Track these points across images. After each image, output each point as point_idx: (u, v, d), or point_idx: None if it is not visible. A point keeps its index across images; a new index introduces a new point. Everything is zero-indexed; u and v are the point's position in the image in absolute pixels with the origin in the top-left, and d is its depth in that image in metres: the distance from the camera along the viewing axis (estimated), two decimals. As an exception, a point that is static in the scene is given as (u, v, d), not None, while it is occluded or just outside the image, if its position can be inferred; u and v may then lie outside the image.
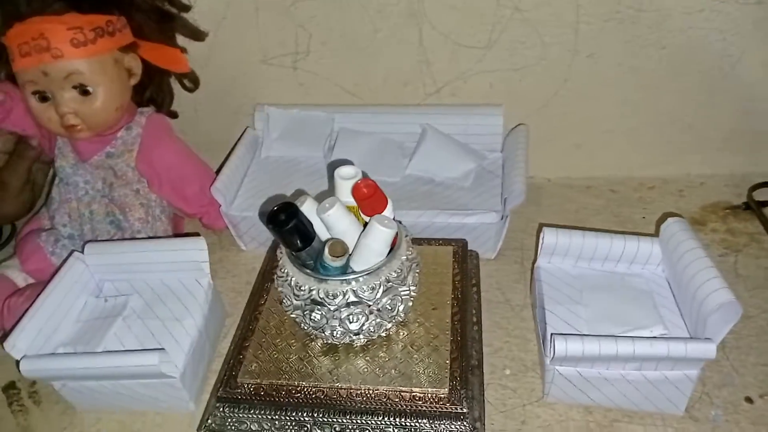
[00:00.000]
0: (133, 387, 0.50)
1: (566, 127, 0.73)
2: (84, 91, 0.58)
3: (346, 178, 0.47)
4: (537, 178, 0.77)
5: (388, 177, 0.69)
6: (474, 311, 0.55)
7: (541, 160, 0.76)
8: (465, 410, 0.44)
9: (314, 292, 0.44)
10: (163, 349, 0.48)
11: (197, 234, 0.65)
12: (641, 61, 0.67)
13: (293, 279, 0.45)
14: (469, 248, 0.62)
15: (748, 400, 0.50)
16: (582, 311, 0.51)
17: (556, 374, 0.48)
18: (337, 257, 0.44)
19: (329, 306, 0.44)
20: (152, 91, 0.69)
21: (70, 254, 0.57)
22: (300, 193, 0.67)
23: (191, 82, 0.71)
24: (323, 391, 0.46)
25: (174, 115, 0.75)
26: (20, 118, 0.61)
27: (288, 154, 0.72)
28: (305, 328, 0.47)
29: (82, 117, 0.59)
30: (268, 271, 0.57)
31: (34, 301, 0.52)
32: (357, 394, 0.46)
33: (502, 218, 0.62)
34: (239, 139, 0.73)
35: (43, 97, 0.58)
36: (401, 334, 0.50)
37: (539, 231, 0.56)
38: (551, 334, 0.46)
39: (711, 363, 0.53)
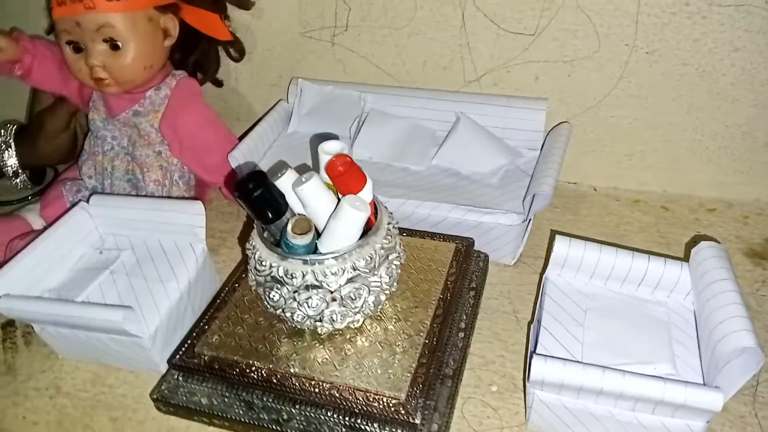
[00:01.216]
0: (105, 341, 0.50)
1: (619, 132, 0.66)
2: (114, 45, 0.58)
3: (330, 153, 0.43)
4: (582, 185, 0.70)
5: (413, 165, 0.65)
6: (465, 317, 0.50)
7: (589, 166, 0.69)
8: (418, 421, 0.40)
9: (275, 269, 0.42)
10: (130, 307, 0.47)
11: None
12: (711, 63, 0.59)
13: (258, 253, 0.43)
14: (482, 250, 0.57)
15: (772, 468, 0.42)
16: (581, 334, 0.45)
17: (536, 399, 0.42)
18: (300, 234, 0.40)
19: (288, 286, 0.41)
20: (198, 56, 0.69)
21: (77, 203, 0.58)
22: (284, 164, 0.64)
23: (237, 51, 0.70)
24: (276, 375, 0.43)
25: (219, 83, 0.75)
26: (43, 76, 0.63)
27: (315, 131, 0.70)
28: (267, 307, 0.45)
29: (110, 71, 0.59)
30: (261, 245, 0.55)
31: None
32: (310, 384, 0.43)
33: (524, 221, 0.56)
34: (269, 111, 0.72)
35: (77, 48, 0.59)
36: (374, 329, 0.46)
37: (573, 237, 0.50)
38: (531, 353, 0.41)
39: (734, 417, 0.45)
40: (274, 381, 0.43)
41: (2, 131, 0.71)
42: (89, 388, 0.52)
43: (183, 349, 0.46)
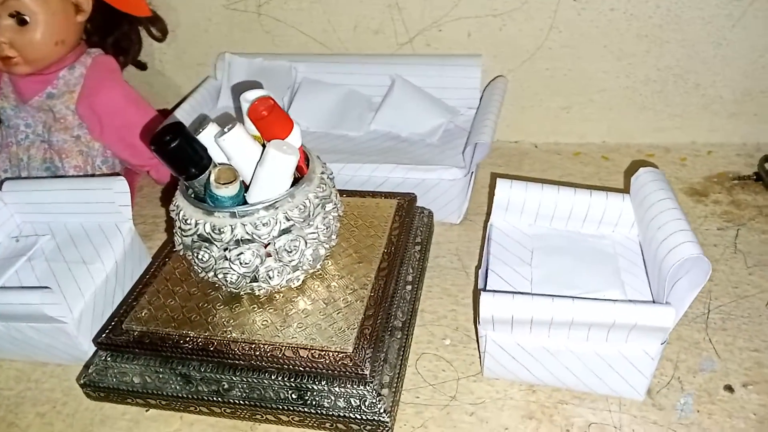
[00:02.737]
0: (25, 331, 0.46)
1: (554, 86, 0.65)
2: (21, 20, 0.54)
3: (249, 101, 0.41)
4: (523, 143, 0.69)
5: (351, 131, 0.63)
6: (412, 271, 0.48)
7: (527, 123, 0.68)
8: (367, 372, 0.37)
9: (200, 226, 0.39)
10: (48, 287, 0.43)
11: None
12: (637, 6, 0.59)
13: (182, 212, 0.40)
14: (427, 208, 0.55)
15: (728, 388, 0.42)
16: (529, 273, 0.44)
17: (488, 341, 0.41)
18: (224, 185, 0.38)
19: (217, 243, 0.39)
20: (117, 37, 0.65)
21: (-13, 191, 0.53)
22: (205, 117, 0.62)
23: (159, 30, 0.67)
24: (213, 343, 0.40)
25: (142, 66, 0.71)
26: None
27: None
28: (198, 272, 0.42)
29: (19, 48, 0.55)
30: (193, 219, 0.52)
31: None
32: (250, 348, 0.40)
33: (465, 175, 0.55)
34: (196, 87, 0.68)
35: (-23, 26, 0.55)
36: (316, 287, 0.43)
37: None
38: (479, 290, 0.39)
39: (689, 345, 0.45)
40: (211, 349, 0.40)
41: None
42: (13, 385, 0.48)
43: (110, 327, 0.42)
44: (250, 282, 0.40)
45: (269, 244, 0.39)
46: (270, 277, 0.40)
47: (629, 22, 0.60)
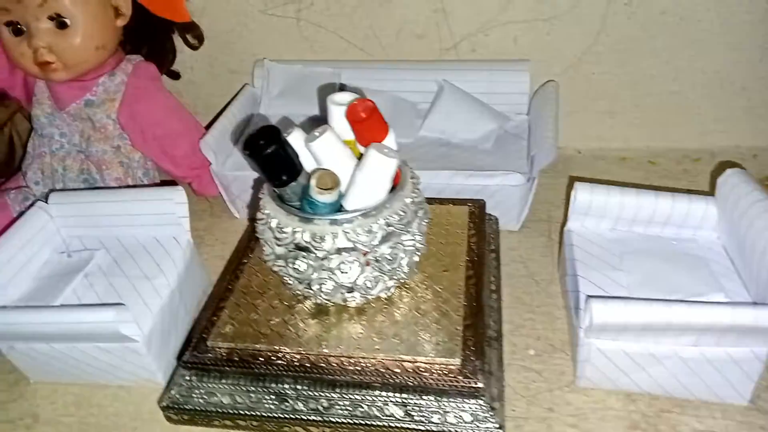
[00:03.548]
0: (91, 352, 0.43)
1: (599, 90, 0.65)
2: (61, 23, 0.51)
3: (341, 104, 0.39)
4: (566, 149, 0.69)
5: (401, 138, 0.60)
6: (493, 278, 0.47)
7: (570, 128, 0.67)
8: (481, 385, 0.36)
9: (299, 235, 0.37)
10: (122, 304, 0.41)
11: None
12: (688, 9, 0.59)
13: (274, 220, 0.38)
14: (492, 214, 0.54)
15: (830, 390, 0.41)
16: (622, 278, 0.43)
17: (592, 350, 0.39)
18: (326, 190, 0.36)
19: (316, 252, 0.37)
20: (152, 44, 0.62)
21: (32, 203, 0.50)
22: (289, 123, 0.60)
23: (195, 38, 0.64)
24: (309, 359, 0.38)
25: (176, 75, 0.68)
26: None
27: (289, 113, 0.65)
28: (290, 283, 0.39)
29: (58, 53, 0.52)
30: (254, 229, 0.50)
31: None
32: (349, 363, 0.38)
33: (528, 180, 0.54)
34: (235, 96, 0.66)
35: (17, 30, 0.52)
36: (405, 297, 0.42)
37: (569, 199, 0.48)
38: (587, 297, 0.38)
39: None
40: (307, 365, 0.38)
41: None
42: (74, 411, 0.45)
43: (193, 344, 0.40)
44: (347, 292, 0.38)
45: (368, 252, 0.37)
46: (368, 288, 0.38)
47: (678, 26, 0.60)
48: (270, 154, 0.36)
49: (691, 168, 0.65)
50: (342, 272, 0.37)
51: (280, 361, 0.38)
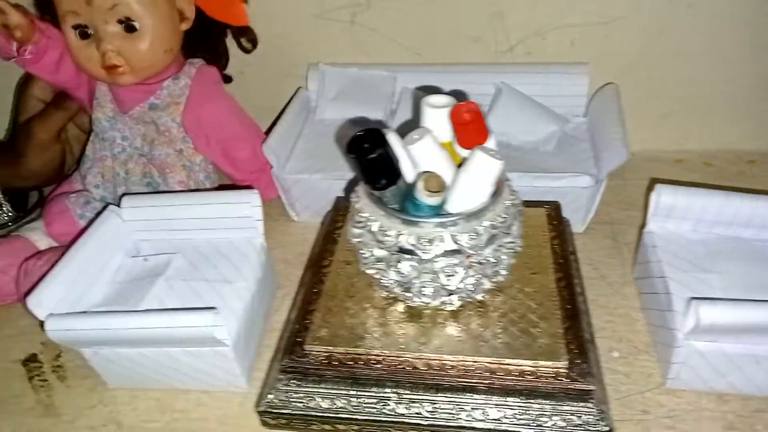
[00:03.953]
0: (178, 356, 0.42)
1: (655, 93, 0.65)
2: (130, 26, 0.51)
3: (437, 107, 0.39)
4: (619, 152, 0.69)
5: (459, 140, 0.61)
6: (577, 281, 0.47)
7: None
8: (592, 388, 0.36)
9: (403, 238, 0.37)
10: (213, 308, 0.40)
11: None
12: (746, 13, 0.59)
13: (375, 223, 0.38)
14: (565, 217, 0.54)
15: None
16: (713, 279, 0.43)
17: (691, 351, 0.39)
18: (434, 193, 0.36)
19: (421, 255, 0.36)
20: (207, 49, 0.62)
21: (104, 207, 0.50)
22: (381, 124, 0.59)
23: (249, 41, 0.63)
24: (409, 362, 0.38)
25: (229, 79, 0.68)
26: (55, 63, 0.54)
27: (345, 116, 0.65)
28: (387, 285, 0.39)
29: (126, 57, 0.52)
30: (331, 232, 0.49)
31: (58, 260, 0.45)
32: (451, 366, 0.38)
33: (597, 182, 0.54)
34: (290, 100, 0.66)
35: (84, 33, 0.52)
36: (497, 299, 0.41)
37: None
38: (691, 299, 0.38)
39: None
40: (409, 368, 0.38)
41: None
42: (157, 416, 0.44)
43: (289, 348, 0.40)
44: (447, 296, 0.38)
45: (472, 255, 0.37)
46: (471, 291, 0.38)
47: (738, 30, 0.60)
48: (375, 158, 0.36)
49: (746, 169, 0.65)
50: (447, 276, 0.37)
51: (380, 365, 0.38)
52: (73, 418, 0.45)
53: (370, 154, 0.35)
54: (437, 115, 0.39)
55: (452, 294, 0.38)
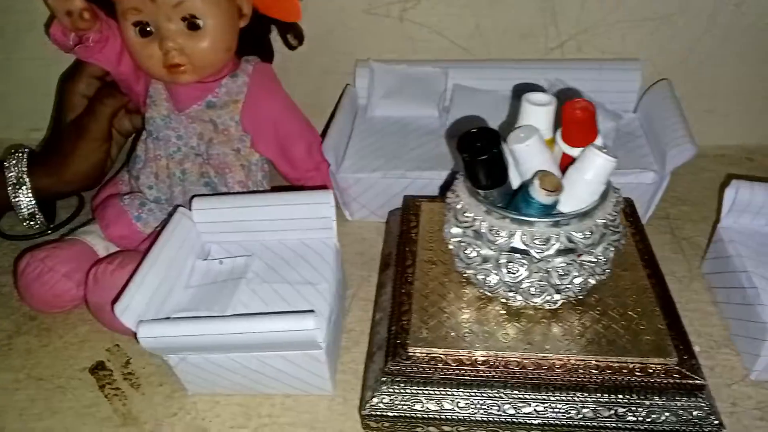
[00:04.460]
0: (268, 361, 0.42)
1: (701, 89, 0.66)
2: (193, 24, 0.50)
3: (538, 104, 0.39)
4: (662, 147, 0.70)
5: (514, 137, 0.61)
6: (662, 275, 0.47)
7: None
8: (704, 382, 0.36)
9: (515, 238, 0.36)
10: (312, 311, 0.39)
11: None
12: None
13: (484, 224, 0.37)
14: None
15: None
16: (798, 273, 0.43)
17: (784, 344, 0.40)
18: (552, 192, 0.35)
19: (535, 255, 0.36)
20: (255, 46, 0.60)
21: (174, 210, 0.48)
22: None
23: (296, 37, 0.62)
24: (516, 362, 0.38)
25: None
26: (116, 53, 0.52)
27: (397, 114, 0.64)
28: (491, 285, 0.39)
29: (188, 55, 0.50)
30: (406, 232, 0.49)
31: (137, 265, 0.43)
32: (558, 365, 0.38)
33: (661, 178, 0.54)
34: (340, 97, 0.65)
35: (144, 31, 0.50)
36: (592, 297, 0.41)
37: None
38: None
39: None
40: (516, 368, 0.38)
41: (12, 161, 0.57)
42: (244, 422, 0.43)
43: (392, 351, 0.39)
44: (555, 294, 0.38)
45: (583, 253, 0.37)
46: (578, 289, 0.38)
47: (785, 26, 0.61)
48: (488, 159, 0.35)
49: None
50: (560, 274, 0.37)
51: (485, 365, 0.38)
52: (155, 427, 0.44)
53: (483, 154, 0.35)
54: (538, 113, 0.39)
55: (559, 293, 0.38)
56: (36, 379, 0.48)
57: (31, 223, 0.59)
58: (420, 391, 0.38)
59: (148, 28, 0.50)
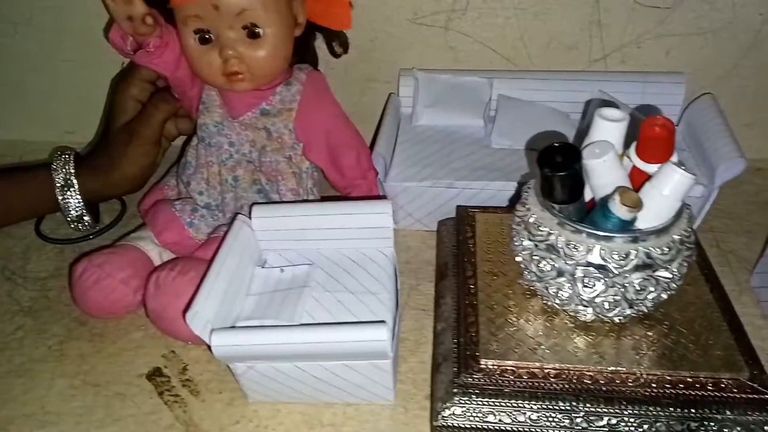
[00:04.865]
0: (335, 369, 0.42)
1: (743, 103, 0.67)
2: (254, 33, 0.50)
3: (611, 120, 0.39)
4: (701, 159, 0.70)
5: (560, 149, 0.62)
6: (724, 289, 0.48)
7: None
8: (779, 397, 0.36)
9: (594, 253, 0.37)
10: (383, 321, 0.40)
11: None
12: (843, 26, 0.61)
13: (561, 238, 0.38)
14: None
15: None
16: None
17: None
18: (633, 208, 0.36)
19: (613, 270, 0.37)
20: (301, 54, 0.60)
21: (234, 217, 0.49)
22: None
23: (341, 45, 0.62)
24: (590, 376, 0.38)
25: None
26: (175, 58, 0.52)
27: (442, 123, 0.65)
28: (561, 299, 0.39)
29: (248, 63, 0.51)
30: (463, 243, 0.49)
31: (204, 273, 0.43)
32: (631, 379, 0.38)
33: (709, 191, 0.55)
34: (385, 106, 0.65)
35: (204, 38, 0.50)
36: (658, 312, 0.42)
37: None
38: None
39: None
40: (589, 382, 0.38)
41: (60, 162, 0.57)
42: (307, 431, 0.44)
43: (464, 363, 0.39)
44: (627, 309, 0.38)
45: (659, 269, 0.37)
46: (651, 304, 0.38)
47: (828, 43, 0.62)
48: (568, 175, 0.36)
49: None
50: (637, 290, 0.37)
51: (558, 378, 0.38)
52: (219, 435, 0.44)
53: (564, 170, 0.36)
54: (611, 128, 0.39)
55: (632, 307, 0.38)
56: (92, 385, 0.48)
57: (79, 225, 0.59)
58: (492, 404, 0.39)
59: (208, 36, 0.50)
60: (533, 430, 0.38)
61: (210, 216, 0.56)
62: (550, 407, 0.38)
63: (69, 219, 0.59)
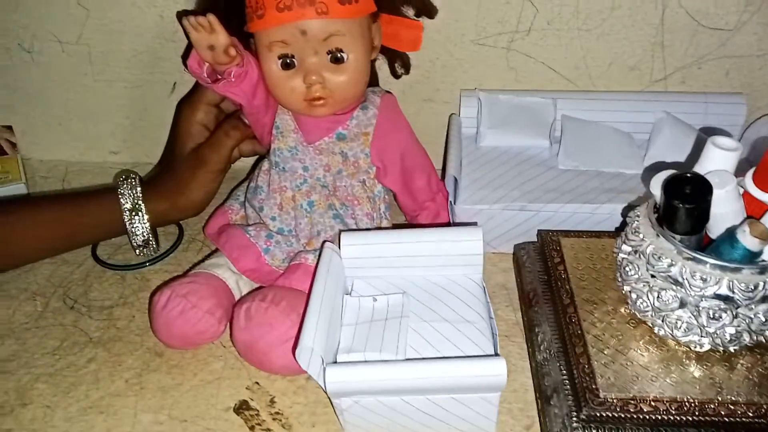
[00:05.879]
0: (442, 403, 0.41)
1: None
2: (337, 57, 0.49)
3: (726, 149, 0.39)
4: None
5: (627, 169, 0.62)
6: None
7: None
8: None
9: (720, 286, 0.36)
10: (498, 355, 0.39)
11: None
12: None
13: (686, 269, 0.37)
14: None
15: None
16: None
17: None
18: (764, 239, 0.36)
19: (741, 302, 0.36)
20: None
21: (322, 246, 0.48)
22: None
23: (403, 66, 0.62)
24: (711, 408, 0.38)
25: None
26: (253, 87, 0.52)
27: (506, 144, 0.64)
28: (681, 330, 0.39)
29: (331, 88, 0.50)
30: (553, 269, 0.49)
31: (306, 306, 0.43)
32: (754, 410, 0.38)
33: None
34: (449, 127, 0.65)
35: (286, 63, 0.50)
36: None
37: None
38: None
39: None
40: (711, 413, 0.38)
41: (126, 187, 0.56)
42: (411, 464, 0.43)
43: (583, 396, 0.39)
44: (748, 339, 0.38)
45: (780, 300, 0.37)
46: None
47: None
48: (696, 208, 0.35)
49: None
50: (763, 321, 0.37)
51: (679, 410, 0.38)
52: (321, 470, 0.43)
53: (694, 202, 0.35)
54: (724, 158, 0.39)
55: (752, 337, 0.38)
56: (180, 420, 0.47)
57: (144, 250, 0.58)
58: (614, 437, 0.38)
59: (290, 60, 0.50)
60: (656, 463, 0.38)
61: (284, 242, 0.55)
62: (672, 440, 0.38)
63: (135, 244, 0.58)
